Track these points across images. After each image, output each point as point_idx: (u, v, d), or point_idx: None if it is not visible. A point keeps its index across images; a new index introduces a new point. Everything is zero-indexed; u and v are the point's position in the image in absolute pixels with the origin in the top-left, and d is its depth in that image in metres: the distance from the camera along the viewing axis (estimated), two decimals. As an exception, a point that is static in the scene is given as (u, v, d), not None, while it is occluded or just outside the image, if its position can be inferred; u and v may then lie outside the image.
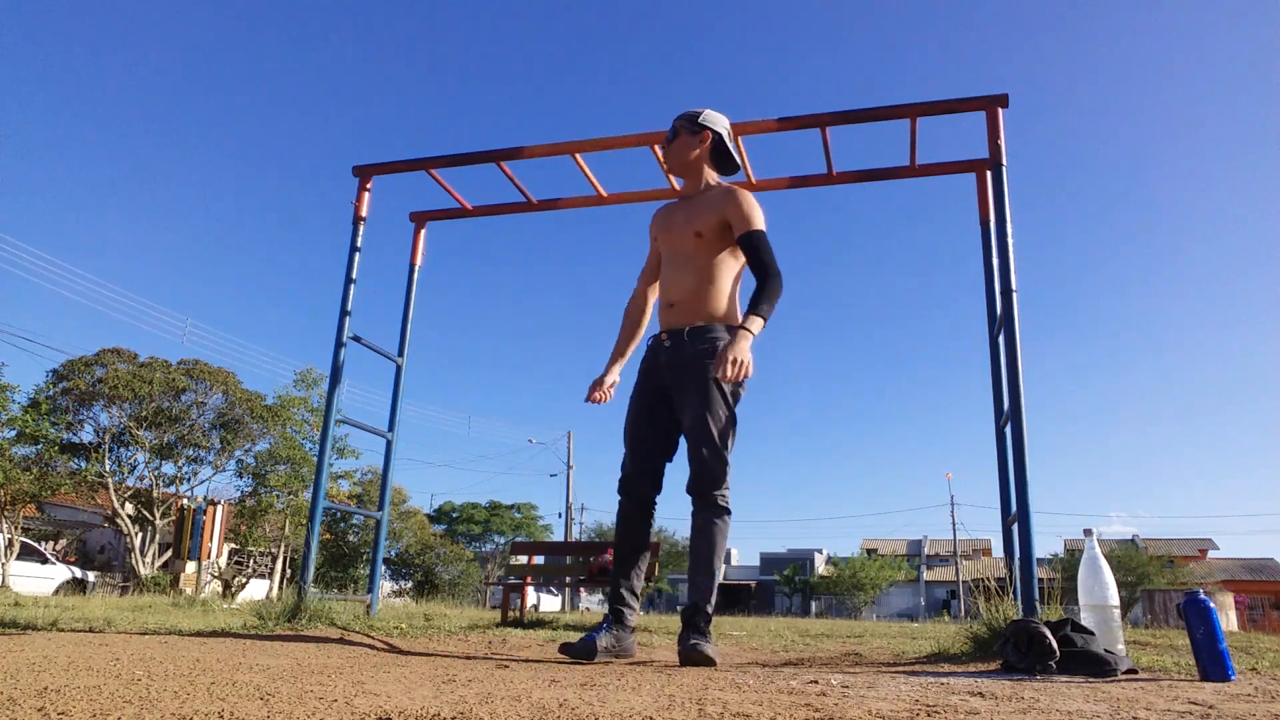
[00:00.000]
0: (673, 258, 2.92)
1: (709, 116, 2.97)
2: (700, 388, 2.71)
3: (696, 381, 2.71)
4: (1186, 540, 45.19)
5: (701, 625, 2.59)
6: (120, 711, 1.30)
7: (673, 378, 2.79)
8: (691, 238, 2.86)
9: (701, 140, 2.95)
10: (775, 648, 4.06)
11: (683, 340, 2.78)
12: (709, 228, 2.84)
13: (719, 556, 2.70)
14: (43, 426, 15.36)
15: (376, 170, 4.55)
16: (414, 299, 4.92)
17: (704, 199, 2.92)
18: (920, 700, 1.65)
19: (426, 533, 27.22)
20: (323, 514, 4.17)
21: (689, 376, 2.74)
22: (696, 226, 2.86)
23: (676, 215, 2.96)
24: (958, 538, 42.97)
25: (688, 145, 2.96)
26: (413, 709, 1.38)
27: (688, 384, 2.74)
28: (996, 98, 3.60)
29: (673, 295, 2.88)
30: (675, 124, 3.00)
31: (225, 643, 2.83)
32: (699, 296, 2.83)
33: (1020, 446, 3.20)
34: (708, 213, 2.86)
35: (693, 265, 2.85)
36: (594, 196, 4.60)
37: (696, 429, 2.70)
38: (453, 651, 3.11)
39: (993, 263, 3.92)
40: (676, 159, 3.00)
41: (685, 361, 2.75)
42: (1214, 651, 2.21)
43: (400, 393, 4.76)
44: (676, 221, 2.94)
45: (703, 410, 2.70)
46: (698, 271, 2.84)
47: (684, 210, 2.94)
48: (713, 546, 2.69)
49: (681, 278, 2.87)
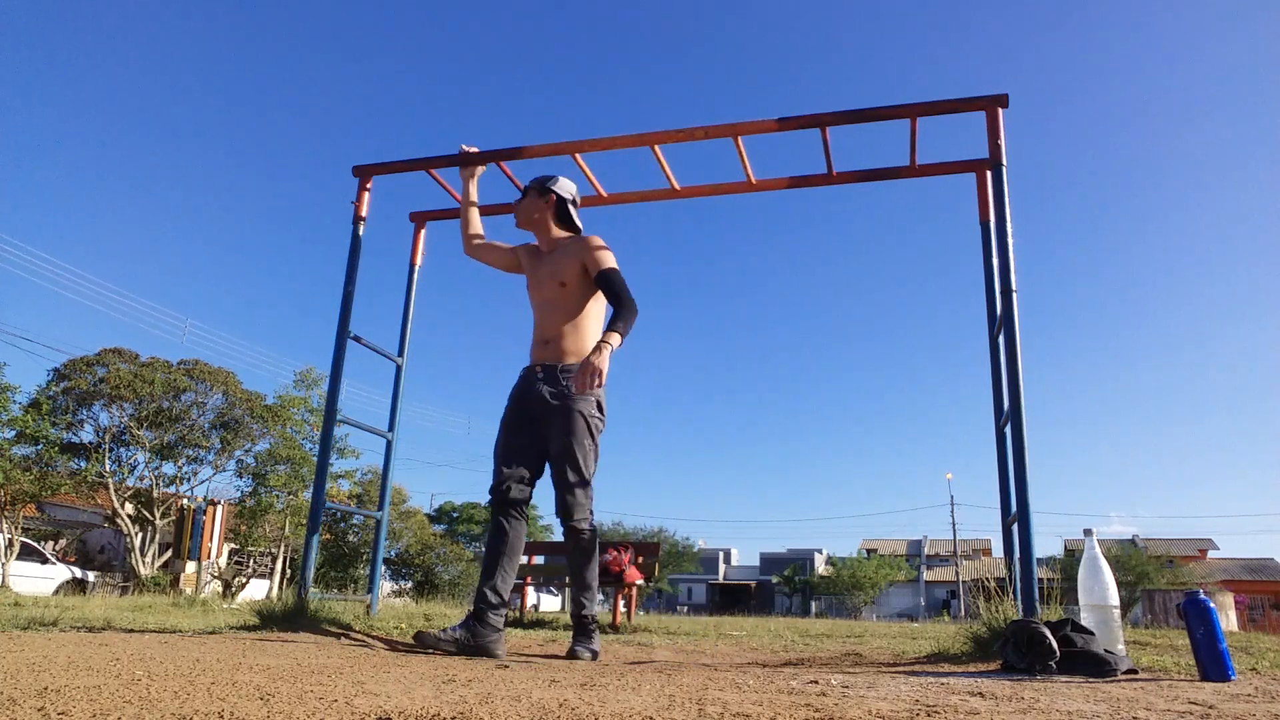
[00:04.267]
0: (543, 305, 3.30)
1: (558, 183, 3.42)
2: (566, 422, 3.07)
3: (564, 415, 3.07)
4: (1186, 540, 45.16)
5: (588, 628, 3.11)
6: (120, 711, 1.30)
7: (543, 409, 3.14)
8: (557, 288, 3.25)
9: (548, 202, 3.39)
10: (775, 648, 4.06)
11: (555, 375, 3.14)
12: (571, 276, 3.23)
13: (591, 569, 3.14)
14: (43, 427, 15.35)
15: (376, 170, 4.55)
16: (414, 299, 4.92)
17: (562, 251, 3.30)
18: (920, 700, 1.65)
19: (426, 533, 27.20)
20: (323, 514, 4.17)
21: (558, 411, 3.09)
22: (560, 278, 3.24)
23: (541, 269, 3.33)
24: (958, 538, 42.94)
25: (534, 205, 3.40)
26: (413, 709, 1.38)
27: (555, 416, 3.09)
28: (996, 98, 3.59)
29: (547, 334, 3.25)
30: (529, 185, 3.45)
31: (225, 643, 2.83)
32: (568, 337, 3.21)
33: (1020, 446, 3.20)
34: (567, 262, 3.25)
35: (562, 310, 3.24)
36: (594, 196, 4.60)
37: (563, 457, 3.07)
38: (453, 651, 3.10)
39: (993, 263, 3.92)
40: (524, 215, 3.42)
41: (556, 394, 3.11)
42: (1214, 651, 2.21)
43: (400, 393, 4.76)
44: (542, 275, 3.31)
45: (569, 440, 3.06)
46: (567, 314, 3.24)
47: (547, 265, 3.32)
48: (585, 562, 3.13)
49: (553, 320, 3.25)
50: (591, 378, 2.87)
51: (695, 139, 3.95)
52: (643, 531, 40.61)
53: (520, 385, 3.26)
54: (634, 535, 37.52)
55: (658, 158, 4.18)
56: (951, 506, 44.70)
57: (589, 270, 3.20)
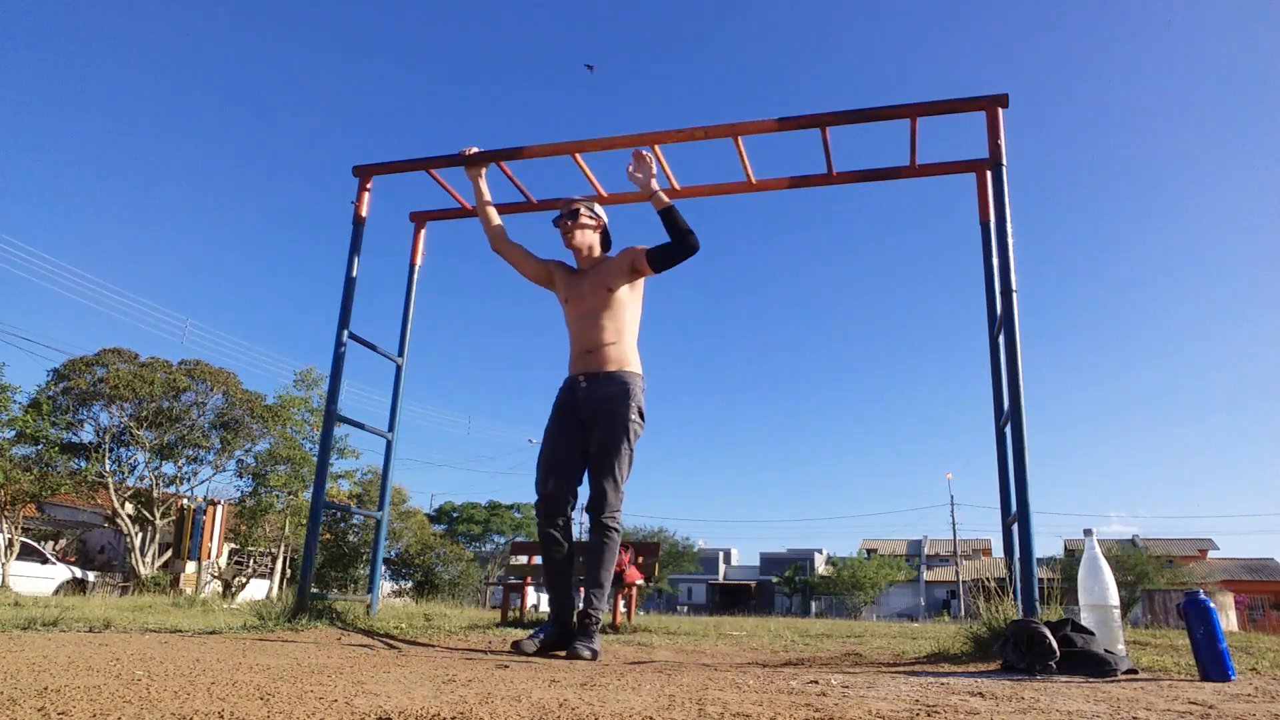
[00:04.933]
0: (585, 315, 3.37)
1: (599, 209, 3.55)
2: (610, 424, 3.18)
3: (608, 418, 3.18)
4: (1186, 540, 45.15)
5: (590, 629, 3.10)
6: (120, 711, 1.30)
7: (588, 412, 3.23)
8: (605, 294, 3.33)
9: (597, 225, 3.51)
10: (775, 648, 4.06)
11: (599, 382, 3.24)
12: (618, 280, 3.33)
13: (607, 569, 3.17)
14: (43, 427, 15.34)
15: (376, 170, 4.55)
16: (414, 299, 4.92)
17: (608, 263, 3.41)
18: (920, 700, 1.65)
19: (426, 533, 27.18)
20: (323, 514, 4.17)
21: (602, 413, 3.19)
22: (607, 284, 3.34)
23: (584, 283, 3.40)
24: (958, 538, 42.93)
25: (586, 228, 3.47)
26: (413, 709, 1.38)
27: (600, 419, 3.19)
28: (996, 98, 3.59)
29: (589, 344, 3.32)
30: (575, 207, 3.49)
31: (225, 643, 2.83)
32: (610, 346, 3.30)
33: (1020, 446, 3.20)
34: (613, 268, 3.36)
35: (604, 320, 3.32)
36: (594, 197, 4.60)
37: (601, 457, 3.16)
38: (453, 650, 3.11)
39: (993, 263, 3.92)
40: (581, 238, 3.46)
41: (600, 399, 3.21)
42: (1214, 651, 2.21)
43: (400, 393, 4.76)
44: (585, 288, 3.39)
45: (610, 442, 3.16)
46: (609, 324, 3.32)
47: (590, 278, 3.41)
48: (602, 561, 3.15)
49: (595, 329, 3.32)
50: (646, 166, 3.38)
51: (695, 139, 3.95)
52: (643, 531, 40.61)
53: (564, 395, 3.34)
54: (634, 535, 37.52)
55: (658, 158, 4.18)
56: (951, 506, 44.76)
57: (638, 258, 3.31)
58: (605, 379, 3.24)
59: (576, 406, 3.27)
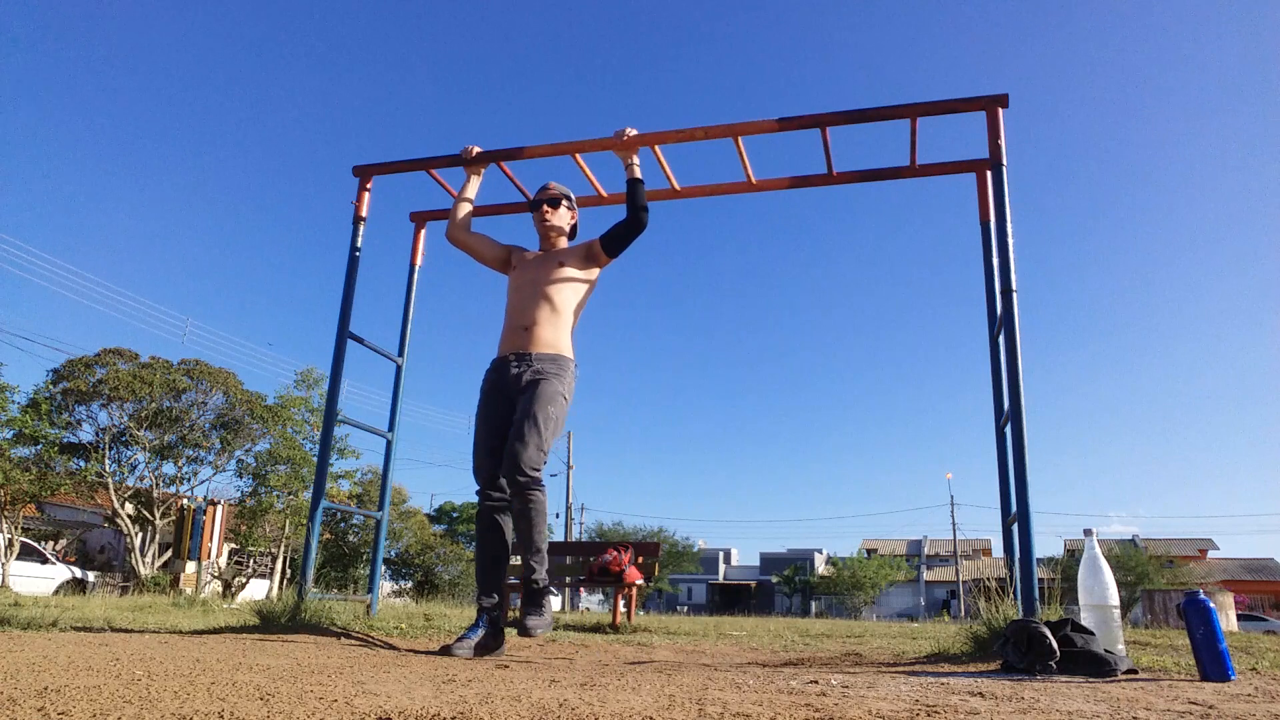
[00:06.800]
0: (525, 285, 3.32)
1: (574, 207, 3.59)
2: (534, 390, 3.07)
3: (534, 386, 3.08)
4: (1186, 540, 45.16)
5: (537, 597, 2.98)
6: (120, 711, 1.29)
7: (517, 388, 3.14)
8: (554, 266, 3.32)
9: (573, 214, 3.56)
10: (775, 648, 4.06)
11: (529, 361, 3.16)
12: (573, 259, 3.34)
13: (539, 532, 3.00)
14: (42, 427, 15.33)
15: (376, 170, 4.55)
16: (414, 299, 4.92)
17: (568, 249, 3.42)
18: (920, 700, 1.65)
19: (426, 533, 27.20)
20: (323, 514, 4.17)
21: (529, 385, 3.10)
22: (561, 259, 3.35)
23: (538, 261, 3.39)
24: (958, 538, 42.94)
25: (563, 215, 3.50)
26: (413, 709, 1.38)
27: (528, 388, 3.10)
28: (996, 98, 3.59)
29: (524, 319, 3.25)
30: (556, 193, 3.51)
31: (225, 643, 2.83)
32: (546, 325, 3.22)
33: (1020, 446, 3.20)
34: (572, 252, 3.38)
35: (546, 290, 3.27)
36: (594, 196, 4.60)
37: (522, 418, 3.01)
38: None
39: (993, 263, 3.92)
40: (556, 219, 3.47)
41: (530, 374, 3.13)
42: (1214, 651, 2.21)
43: (400, 393, 4.76)
44: (537, 264, 3.37)
45: (531, 407, 3.02)
46: (552, 297, 3.26)
47: (548, 257, 3.39)
48: (531, 524, 2.99)
49: (533, 303, 3.26)
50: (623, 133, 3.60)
51: (695, 139, 3.95)
52: (643, 531, 40.60)
53: (491, 376, 3.24)
54: (634, 535, 37.52)
55: (658, 158, 4.18)
56: (951, 506, 44.74)
57: (596, 243, 3.35)
58: (539, 359, 3.15)
59: (506, 385, 3.16)
